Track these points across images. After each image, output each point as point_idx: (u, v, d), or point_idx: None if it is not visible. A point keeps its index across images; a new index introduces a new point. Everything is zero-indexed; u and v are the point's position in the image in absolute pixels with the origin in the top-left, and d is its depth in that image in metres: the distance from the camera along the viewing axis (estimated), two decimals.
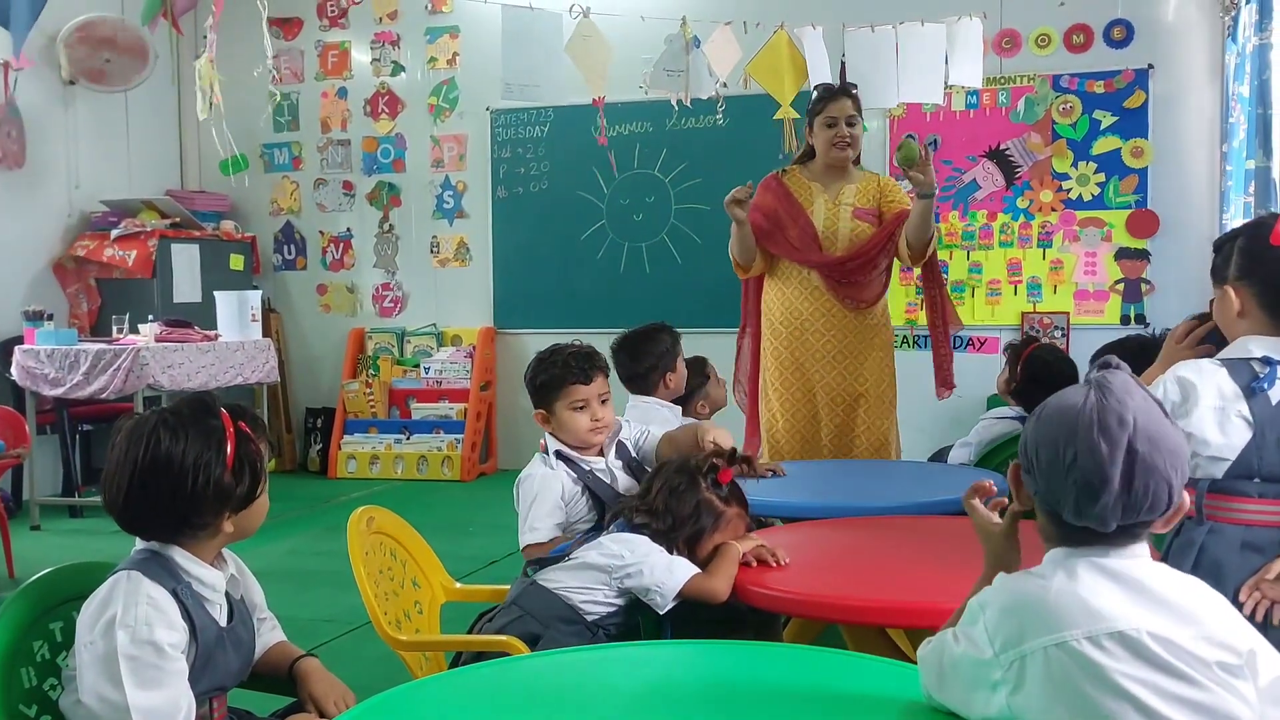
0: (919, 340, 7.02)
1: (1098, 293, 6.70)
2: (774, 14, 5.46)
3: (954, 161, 6.90)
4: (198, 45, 7.81)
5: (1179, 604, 1.54)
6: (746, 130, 6.94)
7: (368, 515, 2.81)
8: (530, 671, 2.11)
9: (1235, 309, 2.39)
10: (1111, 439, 1.51)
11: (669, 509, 2.78)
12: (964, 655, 1.59)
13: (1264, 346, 2.35)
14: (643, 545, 2.72)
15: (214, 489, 2.01)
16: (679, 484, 2.82)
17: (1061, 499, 1.55)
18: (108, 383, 6.28)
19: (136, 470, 1.99)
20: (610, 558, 2.71)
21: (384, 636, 2.62)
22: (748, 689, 1.94)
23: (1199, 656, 1.48)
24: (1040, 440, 1.57)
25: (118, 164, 8.00)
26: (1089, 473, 1.51)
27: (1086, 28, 6.69)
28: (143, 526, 2.05)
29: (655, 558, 2.69)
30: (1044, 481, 1.57)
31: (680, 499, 2.79)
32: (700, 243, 7.42)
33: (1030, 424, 1.61)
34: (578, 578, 2.72)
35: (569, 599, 2.70)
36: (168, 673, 1.91)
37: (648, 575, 2.66)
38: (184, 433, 2.01)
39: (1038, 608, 1.52)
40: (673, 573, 2.67)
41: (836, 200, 4.57)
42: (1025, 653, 1.50)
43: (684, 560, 2.72)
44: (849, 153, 4.54)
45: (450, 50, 8.08)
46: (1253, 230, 2.41)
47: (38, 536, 6.36)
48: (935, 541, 3.00)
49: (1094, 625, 1.48)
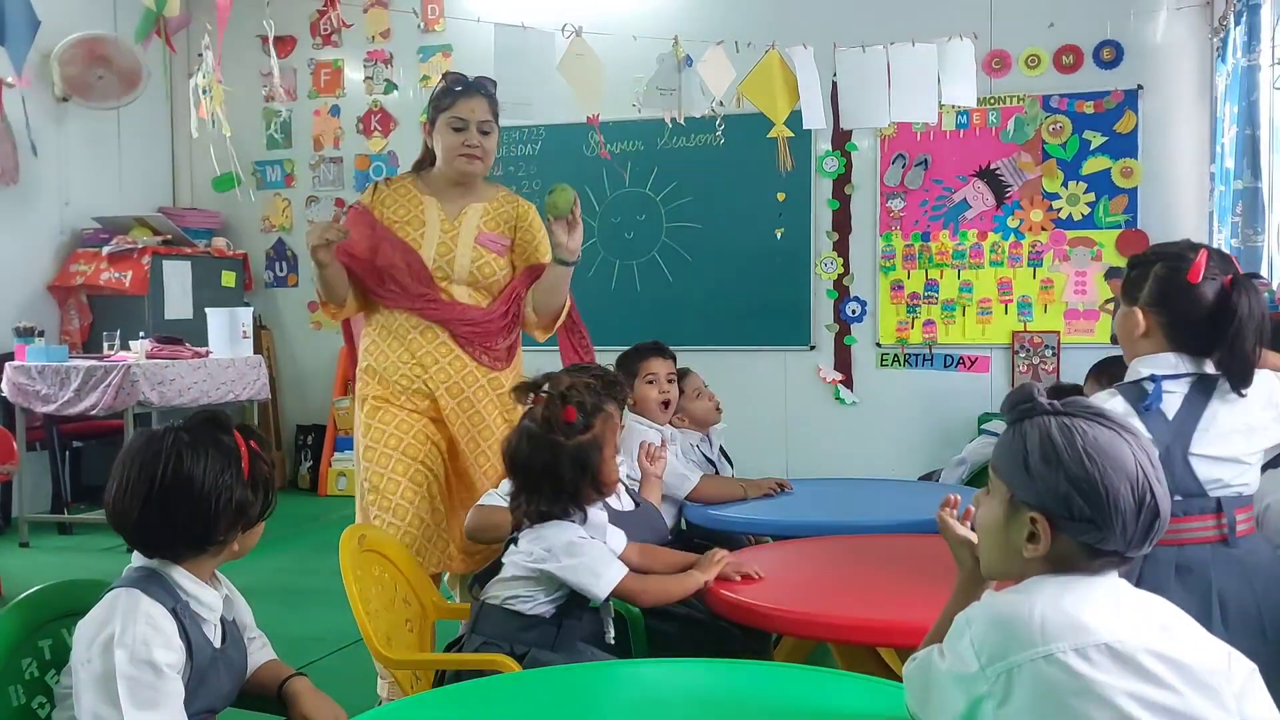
0: (910, 359, 7.03)
1: (1088, 312, 6.71)
2: (765, 34, 5.49)
3: (944, 181, 6.93)
4: (190, 63, 7.84)
5: (1157, 616, 1.57)
6: (738, 149, 6.96)
7: (359, 533, 2.81)
8: (520, 689, 2.11)
9: (1140, 329, 2.45)
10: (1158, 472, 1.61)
11: (540, 477, 2.69)
12: (949, 670, 1.60)
13: (1150, 365, 2.41)
14: (560, 539, 2.65)
15: (235, 507, 2.03)
16: (527, 449, 2.71)
17: (1128, 540, 1.58)
18: (98, 399, 6.26)
19: (154, 489, 1.99)
20: (534, 561, 2.65)
21: (375, 654, 2.62)
22: (739, 707, 1.94)
23: (1182, 665, 1.51)
24: (1116, 488, 1.57)
25: (110, 181, 7.99)
26: (1166, 511, 1.59)
27: (1076, 49, 6.72)
28: (156, 545, 2.04)
29: (581, 558, 2.63)
30: (1113, 527, 1.57)
31: (538, 458, 2.69)
32: (691, 260, 7.43)
33: (1100, 474, 1.58)
34: (512, 588, 2.68)
35: (518, 609, 2.66)
36: (164, 693, 1.90)
37: (573, 578, 2.62)
38: (203, 451, 2.01)
39: (1024, 622, 1.54)
40: (599, 577, 2.63)
41: (456, 221, 3.65)
42: (1012, 666, 1.52)
43: (615, 562, 2.67)
44: (478, 166, 3.64)
45: (443, 68, 8.06)
46: (1174, 262, 2.43)
47: (27, 554, 6.34)
48: (926, 560, 3.00)
49: (1080, 638, 1.50)
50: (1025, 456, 1.63)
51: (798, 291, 7.21)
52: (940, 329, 6.94)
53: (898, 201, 7.00)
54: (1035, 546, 1.61)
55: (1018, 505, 1.64)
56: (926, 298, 6.97)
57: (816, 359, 7.21)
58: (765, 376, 7.27)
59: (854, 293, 7.14)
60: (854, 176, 7.12)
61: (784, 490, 4.23)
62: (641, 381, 4.16)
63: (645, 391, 4.15)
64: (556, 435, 2.70)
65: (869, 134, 6.95)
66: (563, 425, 2.70)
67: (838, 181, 7.15)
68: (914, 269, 6.98)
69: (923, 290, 6.98)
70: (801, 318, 7.22)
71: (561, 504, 2.71)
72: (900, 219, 7.00)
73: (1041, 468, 1.60)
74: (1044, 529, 1.60)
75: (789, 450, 7.20)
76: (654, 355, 4.23)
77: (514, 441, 2.75)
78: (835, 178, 7.14)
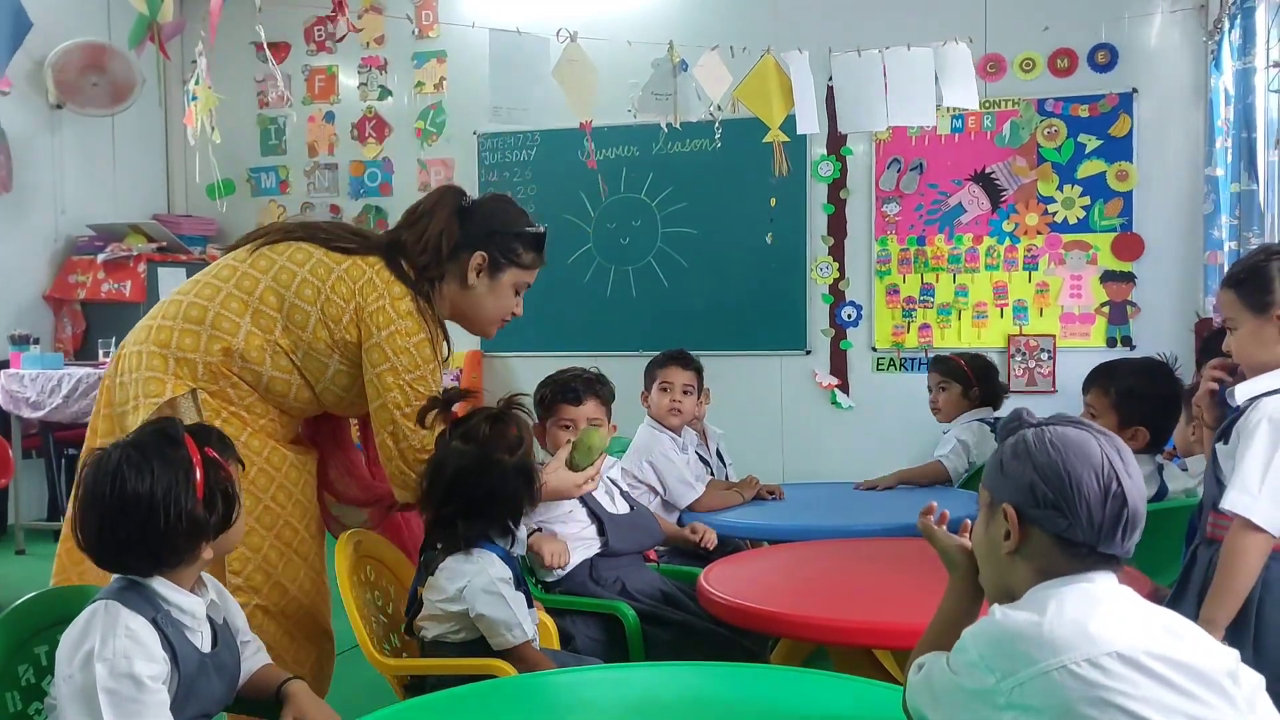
0: (906, 363, 7.03)
1: (1084, 315, 6.71)
2: (760, 39, 5.48)
3: (939, 185, 6.92)
4: (184, 69, 7.82)
5: (1165, 622, 1.56)
6: (733, 154, 6.95)
7: (355, 538, 2.80)
8: (516, 693, 2.10)
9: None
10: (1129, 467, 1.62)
11: (483, 500, 2.63)
12: (963, 686, 1.58)
13: None
14: (478, 581, 2.55)
15: (186, 523, 1.99)
16: (473, 472, 2.61)
17: (1096, 529, 1.58)
18: (91, 406, 6.25)
19: (106, 510, 1.97)
20: (447, 603, 2.58)
21: (371, 659, 2.61)
22: (735, 710, 1.94)
23: (1195, 671, 1.50)
24: (1080, 474, 1.59)
25: (104, 188, 7.98)
26: (1137, 503, 1.60)
27: (1071, 52, 6.72)
28: (120, 564, 2.03)
29: (493, 613, 2.53)
30: (1079, 513, 1.58)
31: (481, 481, 2.61)
32: (687, 266, 7.42)
33: (1063, 460, 1.61)
34: (440, 625, 2.63)
35: (457, 640, 2.62)
36: (147, 705, 1.89)
37: (481, 626, 2.55)
38: (149, 467, 1.97)
39: (1035, 636, 1.52)
40: (509, 634, 2.53)
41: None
42: (1026, 679, 1.50)
43: (525, 622, 2.56)
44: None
45: (437, 74, 8.09)
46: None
47: (23, 561, 6.33)
48: (921, 564, 2.99)
49: (1091, 648, 1.49)
50: (1001, 459, 1.68)
51: (793, 296, 7.20)
52: (936, 333, 6.94)
53: (893, 206, 6.99)
54: (1009, 542, 1.64)
55: (995, 506, 1.68)
56: (922, 302, 6.97)
57: (812, 363, 7.21)
58: (761, 381, 7.26)
59: (849, 297, 7.14)
60: (849, 181, 7.12)
61: (773, 496, 4.27)
62: (656, 388, 4.33)
63: (658, 398, 4.31)
64: (500, 454, 2.64)
65: (864, 138, 6.95)
66: (509, 442, 2.67)
67: (833, 186, 7.14)
68: (909, 273, 6.98)
69: (918, 294, 6.97)
70: (797, 322, 7.21)
71: (500, 525, 2.67)
72: (895, 223, 7.00)
73: (1012, 463, 1.65)
74: (1013, 521, 1.63)
75: (785, 455, 7.20)
76: (673, 364, 4.37)
77: (450, 466, 2.64)
78: (830, 182, 7.14)
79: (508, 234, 2.95)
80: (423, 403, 2.75)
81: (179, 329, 2.81)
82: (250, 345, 2.79)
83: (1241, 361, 2.50)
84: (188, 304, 2.84)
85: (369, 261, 2.84)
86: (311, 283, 2.80)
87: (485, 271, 2.94)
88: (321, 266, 2.82)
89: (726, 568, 3.12)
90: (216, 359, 2.78)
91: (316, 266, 2.83)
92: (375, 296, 2.79)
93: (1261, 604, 2.32)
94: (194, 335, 2.79)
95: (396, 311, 2.79)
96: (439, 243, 2.88)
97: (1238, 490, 2.32)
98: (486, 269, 2.93)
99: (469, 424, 2.69)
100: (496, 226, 2.95)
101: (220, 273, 2.92)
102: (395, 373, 2.76)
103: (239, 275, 2.87)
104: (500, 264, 2.95)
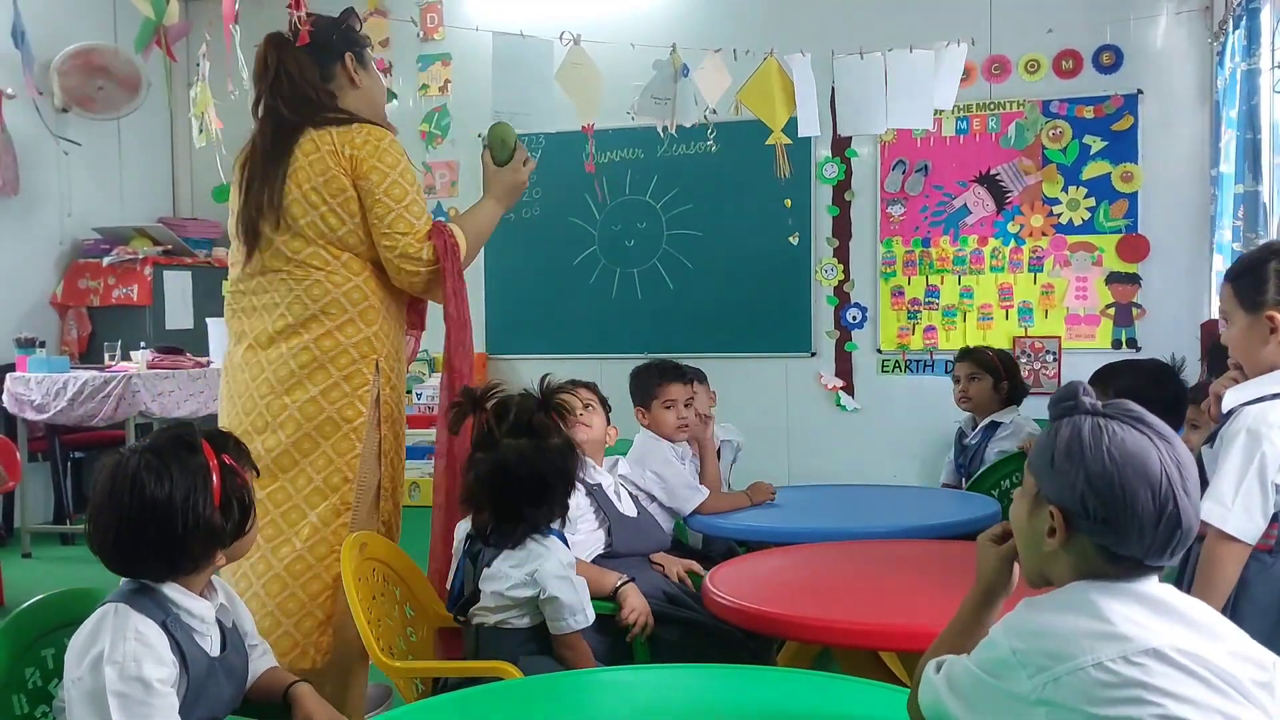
0: (911, 365, 7.03)
1: (1089, 317, 6.71)
2: (763, 41, 5.48)
3: (945, 186, 6.92)
4: (190, 72, 7.83)
5: (1203, 621, 1.54)
6: (737, 156, 6.96)
7: (360, 541, 2.81)
8: (522, 696, 2.10)
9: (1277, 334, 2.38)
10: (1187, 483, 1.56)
11: (535, 491, 2.68)
12: (992, 683, 1.56)
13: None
14: (548, 568, 2.61)
15: (203, 529, 2.00)
16: (523, 466, 2.66)
17: (1145, 548, 1.54)
18: (97, 409, 6.27)
19: (124, 515, 1.98)
20: (516, 590, 2.63)
21: (377, 662, 2.62)
22: (742, 713, 1.94)
23: (1231, 671, 1.49)
24: (1135, 491, 1.53)
25: (110, 191, 8.00)
26: (1191, 522, 1.55)
27: (1075, 53, 6.72)
28: (134, 568, 2.03)
29: (561, 595, 2.60)
30: (1129, 532, 1.54)
31: (531, 472, 2.67)
32: (692, 268, 7.43)
33: (1119, 474, 1.55)
34: (500, 612, 2.67)
35: (514, 625, 2.66)
36: (156, 709, 1.90)
37: (548, 609, 2.62)
38: (168, 473, 1.98)
39: (1069, 633, 1.51)
40: (574, 614, 2.62)
41: None
42: (1060, 674, 1.48)
43: (585, 602, 2.65)
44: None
45: (442, 77, 8.10)
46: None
47: (29, 564, 6.34)
48: (928, 565, 3.00)
49: (1127, 645, 1.48)
50: (1053, 451, 1.60)
51: (798, 298, 7.21)
52: (941, 335, 6.94)
53: (898, 207, 6.99)
54: (1053, 540, 1.60)
55: (1041, 500, 1.62)
56: (927, 303, 6.97)
57: (817, 365, 7.21)
58: (766, 383, 7.26)
59: (855, 299, 7.14)
60: (854, 183, 7.12)
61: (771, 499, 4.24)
62: (660, 406, 4.15)
63: (663, 416, 4.14)
64: (553, 438, 2.70)
65: (869, 140, 6.95)
66: (552, 431, 2.71)
67: (838, 188, 7.14)
68: (914, 275, 6.98)
69: (923, 296, 6.97)
70: (802, 324, 7.22)
71: (562, 502, 2.71)
72: (900, 225, 7.00)
73: (1064, 463, 1.58)
74: (1060, 524, 1.58)
75: (790, 457, 7.19)
76: (673, 380, 4.20)
77: (511, 462, 2.68)
78: (835, 184, 7.14)
79: (343, 27, 3.18)
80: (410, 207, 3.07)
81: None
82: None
83: (1235, 356, 2.51)
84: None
85: (313, 140, 3.06)
86: (302, 202, 3.16)
87: (359, 67, 3.18)
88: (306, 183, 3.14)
89: (731, 570, 3.12)
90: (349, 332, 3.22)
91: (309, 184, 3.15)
92: (353, 148, 3.04)
93: (1236, 602, 2.33)
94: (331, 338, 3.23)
95: (374, 147, 3.04)
96: (311, 79, 3.10)
97: (1212, 500, 2.31)
98: (357, 63, 3.17)
99: (512, 418, 2.71)
100: (332, 30, 3.15)
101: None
102: (391, 186, 3.05)
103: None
104: (360, 54, 3.20)
